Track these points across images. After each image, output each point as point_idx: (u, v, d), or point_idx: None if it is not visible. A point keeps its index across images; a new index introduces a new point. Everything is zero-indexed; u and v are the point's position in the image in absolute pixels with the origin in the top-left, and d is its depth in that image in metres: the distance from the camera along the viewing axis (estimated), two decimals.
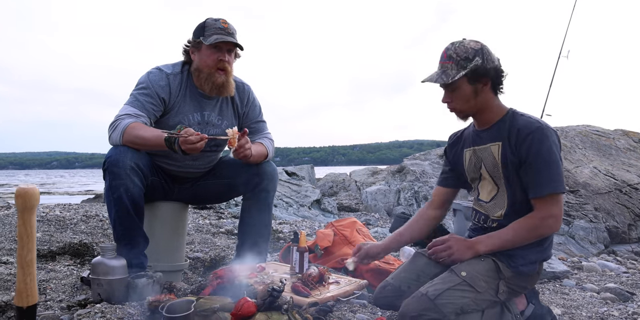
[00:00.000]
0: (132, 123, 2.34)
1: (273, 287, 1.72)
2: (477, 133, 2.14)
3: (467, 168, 2.19)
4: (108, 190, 2.32)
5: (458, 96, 2.03)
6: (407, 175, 8.26)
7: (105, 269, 2.03)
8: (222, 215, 5.65)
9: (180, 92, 2.56)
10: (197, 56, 2.54)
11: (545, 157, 1.92)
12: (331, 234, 2.92)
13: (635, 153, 8.31)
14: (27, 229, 1.39)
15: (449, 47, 2.02)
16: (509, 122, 2.03)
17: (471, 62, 1.97)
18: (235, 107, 2.73)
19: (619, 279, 3.74)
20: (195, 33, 2.53)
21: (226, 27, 2.49)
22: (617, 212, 6.48)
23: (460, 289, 1.88)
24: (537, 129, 1.94)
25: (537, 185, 1.94)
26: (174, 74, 2.56)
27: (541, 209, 1.95)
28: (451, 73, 1.98)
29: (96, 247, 3.31)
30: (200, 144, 2.17)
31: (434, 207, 2.35)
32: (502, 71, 2.04)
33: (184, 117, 2.56)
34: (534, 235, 1.98)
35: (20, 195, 1.37)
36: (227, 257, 3.31)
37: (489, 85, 2.03)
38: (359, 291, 2.24)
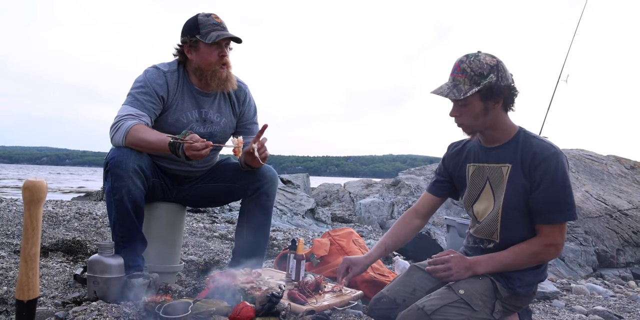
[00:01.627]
0: (135, 125, 2.32)
1: (272, 293, 1.73)
2: (485, 150, 2.10)
3: (469, 183, 2.16)
4: (110, 192, 2.31)
5: (467, 112, 1.96)
6: (402, 189, 8.28)
7: (103, 267, 2.02)
8: (216, 219, 5.64)
9: (178, 90, 2.55)
10: (195, 55, 2.51)
11: (560, 184, 1.91)
12: (328, 243, 2.92)
13: (627, 179, 8.39)
14: (33, 222, 1.39)
15: (463, 60, 1.94)
16: (522, 144, 1.99)
17: (485, 79, 1.89)
18: (232, 104, 2.72)
19: (607, 302, 3.77)
20: (188, 31, 2.50)
21: (220, 22, 2.49)
22: (607, 237, 6.53)
23: (457, 306, 1.88)
24: (553, 155, 1.91)
25: (549, 212, 1.93)
26: (171, 72, 2.55)
27: (546, 236, 1.95)
28: (463, 88, 1.90)
29: (89, 245, 3.29)
30: (205, 151, 2.18)
31: (420, 216, 2.33)
32: (515, 89, 1.97)
33: (182, 114, 2.56)
34: (534, 261, 1.99)
35: (28, 187, 1.37)
36: (221, 262, 3.30)
37: (500, 104, 1.96)
38: (355, 301, 2.24)
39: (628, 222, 6.86)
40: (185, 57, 2.56)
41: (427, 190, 2.36)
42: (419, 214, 2.34)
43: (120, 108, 2.44)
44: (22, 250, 1.41)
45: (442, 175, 2.31)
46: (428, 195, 2.34)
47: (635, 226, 6.81)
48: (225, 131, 2.71)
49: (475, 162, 2.13)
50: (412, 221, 2.34)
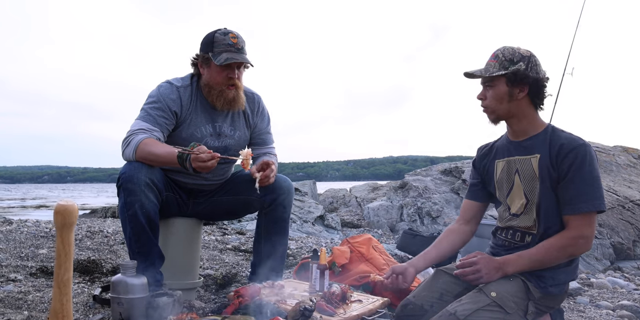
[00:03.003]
0: (145, 139, 2.31)
1: (305, 307, 1.69)
2: (513, 144, 2.12)
3: (497, 179, 2.16)
4: (123, 207, 2.29)
5: (493, 94, 2.03)
6: (410, 191, 8.24)
7: (126, 288, 1.98)
8: (226, 231, 5.59)
9: (192, 105, 2.53)
10: (206, 71, 2.51)
11: (587, 174, 1.90)
12: (348, 251, 2.88)
13: (636, 169, 8.35)
14: (65, 247, 1.36)
15: (500, 48, 2.05)
16: (550, 136, 2.01)
17: (514, 65, 1.98)
18: (246, 117, 2.70)
19: (631, 296, 3.71)
20: (203, 47, 2.49)
21: (235, 42, 2.45)
22: (622, 228, 6.48)
23: (490, 309, 1.84)
24: (581, 146, 1.92)
25: (576, 202, 1.91)
26: (184, 87, 2.53)
27: (573, 228, 1.92)
28: (491, 70, 2.01)
29: (105, 264, 3.25)
30: (211, 162, 2.15)
31: (463, 222, 2.30)
32: (545, 86, 2.04)
33: (196, 129, 2.54)
34: (564, 255, 1.94)
35: (59, 211, 1.34)
36: (238, 275, 3.25)
37: (525, 93, 2.01)
38: (383, 310, 2.19)
39: None
40: (199, 70, 2.55)
41: (465, 197, 2.37)
42: (462, 221, 2.31)
43: (132, 123, 2.43)
44: (55, 276, 1.37)
45: (475, 179, 2.32)
46: (467, 202, 2.34)
47: None
48: (240, 144, 2.68)
49: (505, 157, 2.14)
50: (456, 227, 2.31)
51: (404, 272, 2.14)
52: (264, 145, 2.77)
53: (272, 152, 2.80)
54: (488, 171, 2.22)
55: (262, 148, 2.77)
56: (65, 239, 1.36)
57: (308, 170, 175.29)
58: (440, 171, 8.84)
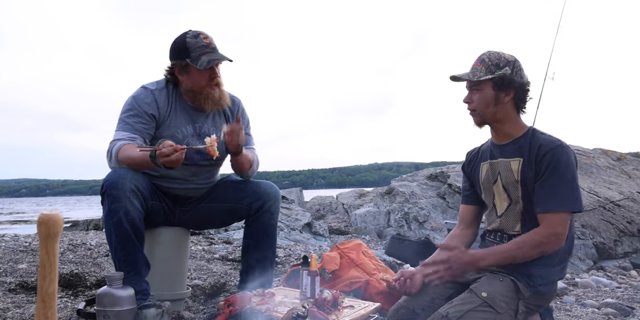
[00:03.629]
0: (122, 146, 2.31)
1: (297, 313, 1.67)
2: (496, 147, 2.15)
3: (482, 181, 2.19)
4: (107, 215, 2.25)
5: (479, 98, 2.05)
6: (397, 196, 8.26)
7: (113, 300, 1.95)
8: (213, 240, 5.55)
9: (170, 106, 2.52)
10: (186, 77, 2.49)
11: (562, 174, 1.92)
12: (337, 257, 2.87)
13: (615, 171, 8.48)
14: (50, 257, 1.32)
15: (485, 53, 2.08)
16: (530, 139, 2.04)
17: (500, 69, 2.01)
18: (227, 118, 2.70)
19: (615, 294, 3.76)
20: (177, 55, 2.46)
21: (209, 43, 2.45)
22: (603, 229, 6.57)
23: (481, 310, 1.84)
24: (558, 147, 1.95)
25: (549, 201, 1.93)
26: (159, 89, 2.52)
27: (547, 225, 1.94)
28: (478, 74, 2.03)
29: (88, 277, 3.19)
30: (175, 155, 2.12)
31: (464, 227, 2.32)
32: (529, 90, 2.08)
33: (176, 130, 2.53)
34: (536, 251, 1.95)
35: (44, 221, 1.31)
36: (227, 284, 3.22)
37: (511, 97, 2.04)
38: (375, 314, 2.18)
39: (622, 213, 6.91)
40: (176, 77, 2.53)
41: (461, 202, 2.39)
42: (461, 225, 2.33)
43: (114, 133, 2.42)
44: (39, 288, 1.34)
45: (466, 183, 2.34)
46: (463, 207, 2.36)
47: (629, 216, 6.87)
48: (222, 146, 2.66)
49: (488, 160, 2.17)
50: (457, 232, 2.32)
51: (412, 277, 2.12)
52: (245, 146, 2.76)
53: (253, 152, 2.79)
54: (474, 174, 2.26)
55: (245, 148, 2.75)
56: (50, 250, 1.33)
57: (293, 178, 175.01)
58: (426, 176, 8.88)
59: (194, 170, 2.60)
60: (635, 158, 9.35)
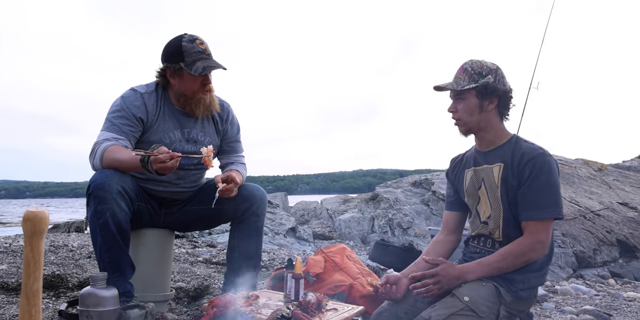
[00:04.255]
0: (109, 146, 2.28)
1: (282, 314, 1.68)
2: (480, 154, 2.18)
3: (466, 188, 2.21)
4: (93, 216, 2.23)
5: (464, 107, 2.07)
6: (381, 202, 8.30)
7: (96, 300, 1.93)
8: (197, 243, 5.53)
9: (158, 110, 2.50)
10: (178, 81, 2.46)
11: (545, 182, 1.95)
12: (322, 260, 2.88)
13: (596, 181, 8.61)
14: (35, 255, 1.31)
15: (467, 62, 2.10)
16: (513, 146, 2.07)
17: (483, 78, 2.04)
18: (216, 123, 2.69)
19: (593, 301, 3.82)
20: (172, 58, 2.42)
21: (204, 49, 2.42)
22: (583, 238, 6.66)
23: (463, 314, 1.87)
24: (540, 155, 1.98)
25: (531, 208, 1.96)
26: (149, 93, 2.50)
27: (530, 234, 1.97)
28: (462, 83, 2.05)
29: (70, 278, 3.17)
30: (171, 162, 2.10)
31: (447, 233, 2.34)
32: (511, 98, 2.11)
33: (164, 134, 2.51)
34: (522, 260, 1.98)
35: (29, 219, 1.30)
36: (211, 287, 3.21)
37: (495, 105, 2.07)
38: (358, 317, 2.20)
39: (601, 222, 7.02)
40: (167, 80, 2.50)
41: (445, 209, 2.40)
42: (445, 231, 2.35)
43: (98, 134, 2.39)
44: (23, 286, 1.33)
45: (450, 189, 2.37)
46: (447, 213, 2.37)
47: (609, 226, 6.97)
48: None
49: (472, 167, 2.20)
50: (441, 238, 2.34)
51: (398, 282, 2.14)
52: (233, 153, 2.76)
53: (241, 160, 2.80)
54: (458, 180, 2.28)
55: (231, 156, 2.76)
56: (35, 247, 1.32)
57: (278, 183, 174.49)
58: (411, 183, 8.94)
59: (181, 173, 2.58)
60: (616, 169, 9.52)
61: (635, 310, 3.45)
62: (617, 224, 7.08)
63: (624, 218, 7.22)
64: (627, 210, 7.47)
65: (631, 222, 7.15)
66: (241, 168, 2.73)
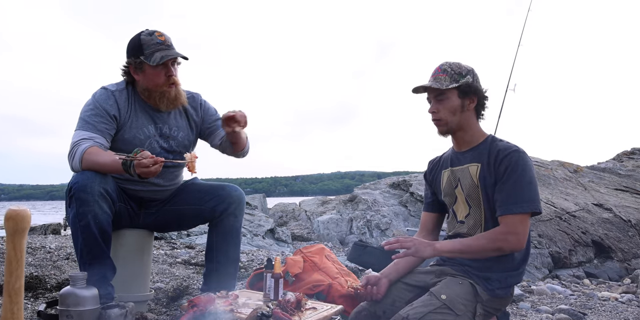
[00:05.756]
0: (89, 148, 2.26)
1: (262, 312, 1.70)
2: (457, 154, 2.21)
3: (443, 188, 2.24)
4: (75, 218, 2.22)
5: (446, 106, 2.09)
6: (359, 204, 8.34)
7: (76, 300, 1.91)
8: (175, 245, 5.50)
9: (130, 107, 2.50)
10: (142, 76, 2.46)
11: (520, 177, 1.97)
12: (301, 260, 2.90)
13: (571, 182, 8.76)
14: (17, 253, 1.32)
15: (444, 63, 2.13)
16: (489, 146, 2.10)
17: (464, 78, 2.08)
18: (189, 116, 2.67)
19: (568, 300, 3.89)
20: (132, 52, 2.43)
21: (164, 40, 2.41)
22: (559, 238, 6.76)
23: (441, 312, 1.89)
24: (514, 152, 2.01)
25: (508, 203, 1.97)
26: (119, 90, 2.50)
27: (505, 225, 1.97)
28: (444, 83, 2.07)
29: (48, 279, 3.14)
30: (155, 167, 2.10)
31: (425, 234, 2.36)
32: (487, 98, 2.16)
33: (138, 131, 2.50)
34: (492, 246, 1.96)
35: (11, 217, 1.31)
36: (190, 287, 3.21)
37: (474, 104, 2.11)
38: (337, 316, 2.22)
39: (577, 223, 7.14)
40: (133, 77, 2.50)
41: (423, 210, 2.43)
42: (423, 232, 2.37)
43: (73, 134, 2.37)
44: (5, 284, 1.33)
45: (428, 191, 2.39)
46: (425, 214, 2.40)
47: (584, 227, 7.09)
48: (184, 144, 2.66)
49: (449, 167, 2.23)
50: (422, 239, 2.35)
51: (378, 283, 2.16)
52: (220, 129, 2.72)
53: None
54: (436, 181, 2.30)
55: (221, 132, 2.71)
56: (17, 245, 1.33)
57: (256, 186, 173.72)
58: (389, 185, 9.00)
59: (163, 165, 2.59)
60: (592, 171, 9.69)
61: (610, 309, 3.53)
62: (592, 224, 7.20)
63: (599, 219, 7.34)
64: (602, 211, 7.60)
65: (606, 223, 7.28)
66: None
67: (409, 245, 2.01)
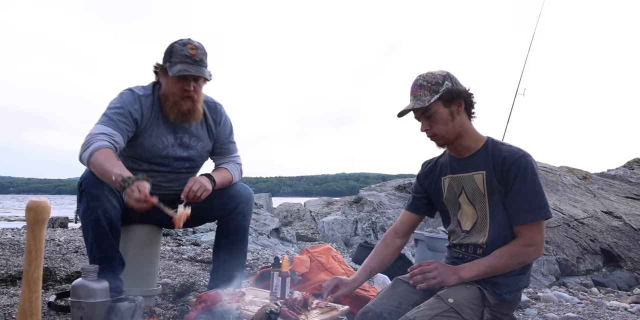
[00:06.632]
0: (103, 147, 2.21)
1: (271, 310, 1.70)
2: (457, 161, 2.17)
3: (445, 197, 2.20)
4: (85, 212, 2.24)
5: (436, 121, 2.05)
6: (365, 205, 8.34)
7: (87, 292, 1.94)
8: (181, 242, 5.52)
9: (153, 114, 2.49)
10: (164, 81, 2.47)
11: (531, 184, 1.97)
12: (307, 260, 2.91)
13: (580, 189, 8.71)
14: (37, 243, 1.34)
15: (418, 78, 2.08)
16: (492, 151, 2.07)
17: (442, 86, 2.03)
18: (209, 127, 2.66)
19: (576, 309, 3.86)
20: (163, 57, 2.46)
21: (193, 54, 2.39)
22: (567, 246, 6.72)
23: (448, 315, 1.89)
24: (522, 157, 1.99)
25: (523, 212, 1.97)
26: (146, 96, 2.49)
27: (523, 236, 1.99)
28: (425, 98, 2.02)
29: (58, 272, 3.17)
30: (140, 205, 2.03)
31: (401, 235, 2.35)
32: (472, 94, 2.11)
33: (157, 139, 2.50)
34: (516, 262, 2.00)
35: (32, 208, 1.32)
36: (196, 284, 3.22)
37: (462, 107, 2.07)
38: (343, 317, 2.23)
39: (585, 231, 7.09)
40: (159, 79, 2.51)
41: (406, 208, 2.40)
42: (399, 233, 2.36)
43: (93, 127, 2.36)
44: (25, 273, 1.35)
45: (418, 193, 2.35)
46: (407, 214, 2.37)
47: (592, 234, 7.04)
48: (202, 155, 2.67)
49: (450, 174, 2.19)
50: (394, 241, 2.35)
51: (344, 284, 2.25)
52: (227, 154, 2.75)
53: (237, 160, 2.78)
54: (435, 188, 2.26)
55: (226, 157, 2.75)
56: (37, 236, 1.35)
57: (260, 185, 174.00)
58: (395, 187, 9.00)
59: (172, 177, 2.59)
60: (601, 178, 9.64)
61: (619, 319, 3.50)
62: (602, 232, 7.15)
63: (608, 227, 7.29)
64: (611, 219, 7.55)
65: (615, 231, 7.23)
66: (232, 167, 2.71)
67: (433, 275, 2.04)
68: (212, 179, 2.51)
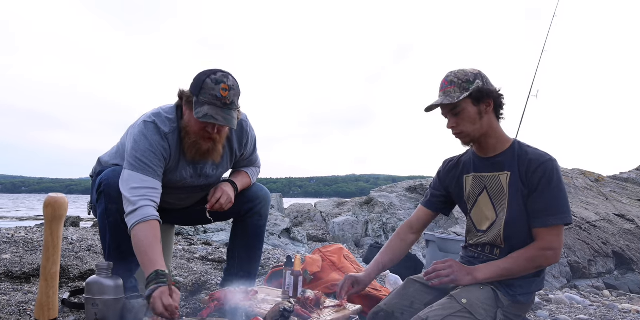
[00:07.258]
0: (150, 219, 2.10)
1: (284, 307, 1.71)
2: (481, 160, 2.15)
3: (467, 194, 2.20)
4: (103, 214, 2.24)
5: (464, 118, 2.03)
6: (375, 206, 8.33)
7: (102, 289, 1.96)
8: (193, 241, 5.55)
9: (178, 151, 2.35)
10: (187, 113, 2.28)
11: (555, 188, 1.96)
12: (320, 259, 2.91)
13: (592, 192, 8.65)
14: (55, 239, 1.35)
15: (449, 75, 2.06)
16: (518, 152, 2.05)
17: (473, 84, 2.00)
18: (232, 149, 2.52)
19: (587, 311, 3.84)
20: (192, 87, 2.22)
21: (225, 96, 2.15)
22: (578, 248, 6.68)
23: (461, 315, 1.88)
24: (549, 161, 1.98)
25: (545, 215, 1.96)
26: (172, 132, 2.30)
27: (542, 239, 1.97)
28: (455, 95, 2.00)
29: (71, 269, 3.19)
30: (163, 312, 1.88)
31: (415, 231, 2.36)
32: (503, 95, 2.08)
33: (175, 174, 2.39)
34: (533, 265, 1.99)
35: (50, 204, 1.34)
36: (208, 282, 3.24)
37: (491, 107, 2.05)
38: (355, 316, 2.23)
39: (597, 233, 7.04)
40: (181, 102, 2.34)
41: (422, 204, 2.39)
42: (413, 228, 2.36)
43: (130, 173, 2.18)
44: (42, 269, 1.36)
45: (437, 190, 2.34)
46: (423, 210, 2.37)
47: (604, 237, 6.99)
48: (219, 178, 2.61)
49: (473, 173, 2.18)
50: (407, 236, 2.35)
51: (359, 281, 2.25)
52: (251, 165, 2.72)
53: (257, 164, 2.75)
54: (457, 186, 2.25)
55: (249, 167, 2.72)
56: (55, 232, 1.36)
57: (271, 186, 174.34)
58: (405, 188, 8.99)
59: (184, 196, 2.56)
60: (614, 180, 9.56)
61: None
62: (614, 235, 7.10)
63: (621, 230, 7.24)
64: (623, 222, 7.50)
65: (628, 234, 7.18)
66: (252, 171, 2.68)
67: (447, 273, 2.04)
68: (235, 186, 2.49)
